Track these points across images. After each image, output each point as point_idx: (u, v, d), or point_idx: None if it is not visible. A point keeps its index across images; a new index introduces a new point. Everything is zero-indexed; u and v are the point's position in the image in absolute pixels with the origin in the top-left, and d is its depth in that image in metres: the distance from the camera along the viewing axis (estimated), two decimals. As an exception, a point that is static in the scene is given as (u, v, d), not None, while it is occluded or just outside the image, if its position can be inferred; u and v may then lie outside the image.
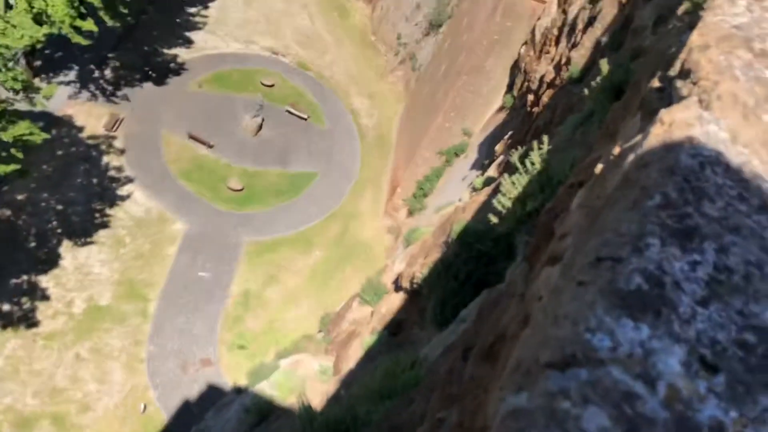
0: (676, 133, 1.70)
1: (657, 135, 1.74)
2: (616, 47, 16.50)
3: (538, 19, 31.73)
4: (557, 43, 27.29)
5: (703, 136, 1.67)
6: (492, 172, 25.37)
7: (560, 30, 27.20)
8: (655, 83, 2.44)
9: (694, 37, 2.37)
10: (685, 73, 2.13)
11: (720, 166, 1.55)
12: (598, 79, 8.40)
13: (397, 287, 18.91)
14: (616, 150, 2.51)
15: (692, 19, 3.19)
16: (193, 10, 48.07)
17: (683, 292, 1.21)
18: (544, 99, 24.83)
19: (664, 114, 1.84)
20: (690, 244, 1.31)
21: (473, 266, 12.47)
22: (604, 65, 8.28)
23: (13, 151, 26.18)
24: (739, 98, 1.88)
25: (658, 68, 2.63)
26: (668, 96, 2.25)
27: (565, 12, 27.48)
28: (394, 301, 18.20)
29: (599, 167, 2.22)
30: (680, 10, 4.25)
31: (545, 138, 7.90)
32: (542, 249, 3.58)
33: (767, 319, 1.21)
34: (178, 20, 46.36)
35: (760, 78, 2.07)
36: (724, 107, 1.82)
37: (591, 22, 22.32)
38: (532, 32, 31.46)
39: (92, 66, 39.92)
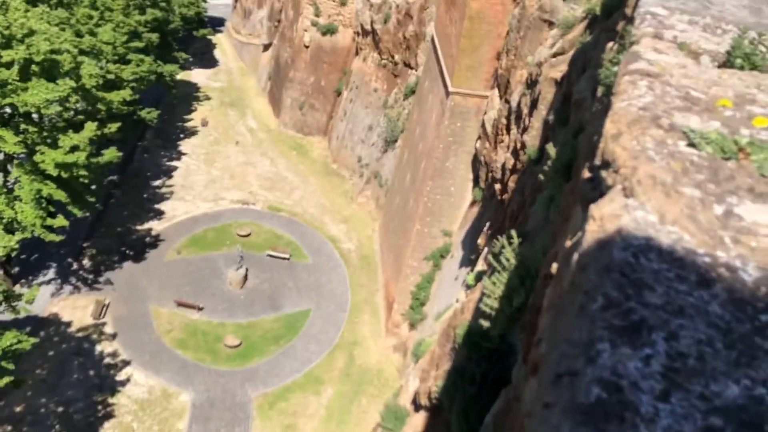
0: (608, 226, 1.79)
1: (592, 232, 1.84)
2: (564, 122, 17.17)
3: (485, 113, 33.14)
4: (508, 130, 28.37)
5: (632, 225, 1.77)
6: (481, 265, 25.46)
7: (508, 119, 28.36)
8: (586, 174, 2.58)
9: (608, 126, 2.54)
10: (606, 163, 2.27)
11: (652, 252, 1.63)
12: (549, 162, 8.73)
13: (417, 406, 18.34)
14: (568, 243, 2.61)
15: (607, 104, 3.42)
16: (158, 182, 49.52)
17: (642, 391, 1.25)
18: (511, 184, 25.42)
19: (594, 209, 1.95)
20: (639, 339, 1.36)
21: (486, 366, 12.20)
22: (551, 149, 8.62)
23: (3, 363, 25.72)
24: (657, 178, 2.00)
25: (587, 157, 2.80)
26: (598, 185, 2.38)
27: (507, 101, 28.79)
28: (418, 421, 17.60)
29: (554, 266, 2.30)
30: (599, 91, 4.55)
31: (513, 232, 8.07)
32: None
33: (730, 397, 1.25)
34: (145, 195, 47.58)
35: (674, 153, 2.21)
36: (646, 190, 1.94)
37: (534, 104, 23.36)
38: (483, 126, 32.74)
39: (69, 259, 40.29)
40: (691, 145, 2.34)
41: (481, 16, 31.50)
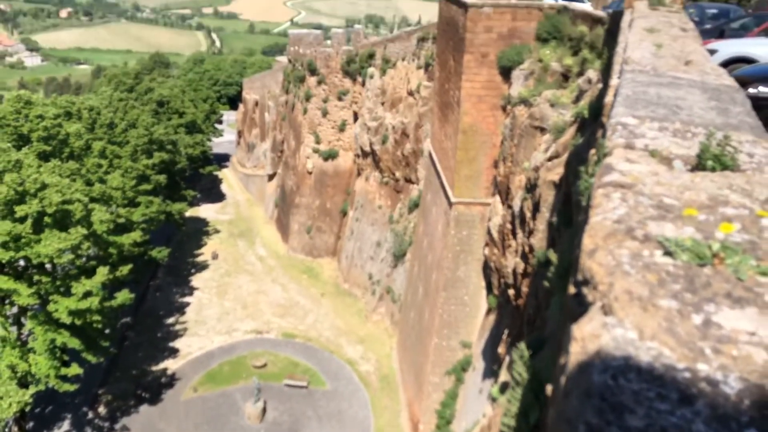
0: (589, 347, 1.82)
1: (575, 354, 1.86)
2: (567, 222, 17.36)
3: (489, 220, 33.52)
4: (514, 235, 28.56)
5: (612, 344, 1.79)
6: (504, 376, 24.81)
7: (512, 223, 28.64)
8: (571, 290, 2.63)
9: (585, 241, 2.61)
10: (585, 280, 2.32)
11: (632, 371, 1.65)
12: (552, 268, 8.74)
13: None
14: (563, 360, 2.61)
15: (586, 215, 3.51)
16: (171, 320, 49.42)
17: None
18: (524, 289, 25.24)
19: (575, 330, 1.98)
20: (623, 469, 1.36)
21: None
22: (552, 255, 8.67)
23: None
24: (633, 293, 2.05)
25: (572, 272, 2.85)
26: (582, 302, 2.42)
27: (510, 206, 29.22)
28: None
29: (549, 389, 2.30)
30: (583, 201, 4.67)
31: (523, 345, 7.98)
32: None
33: None
34: (159, 334, 47.33)
35: (649, 265, 2.26)
36: (624, 306, 1.98)
37: (536, 207, 23.69)
38: (489, 233, 33.00)
39: (85, 408, 39.46)
40: (668, 253, 2.39)
41: (475, 129, 32.65)
